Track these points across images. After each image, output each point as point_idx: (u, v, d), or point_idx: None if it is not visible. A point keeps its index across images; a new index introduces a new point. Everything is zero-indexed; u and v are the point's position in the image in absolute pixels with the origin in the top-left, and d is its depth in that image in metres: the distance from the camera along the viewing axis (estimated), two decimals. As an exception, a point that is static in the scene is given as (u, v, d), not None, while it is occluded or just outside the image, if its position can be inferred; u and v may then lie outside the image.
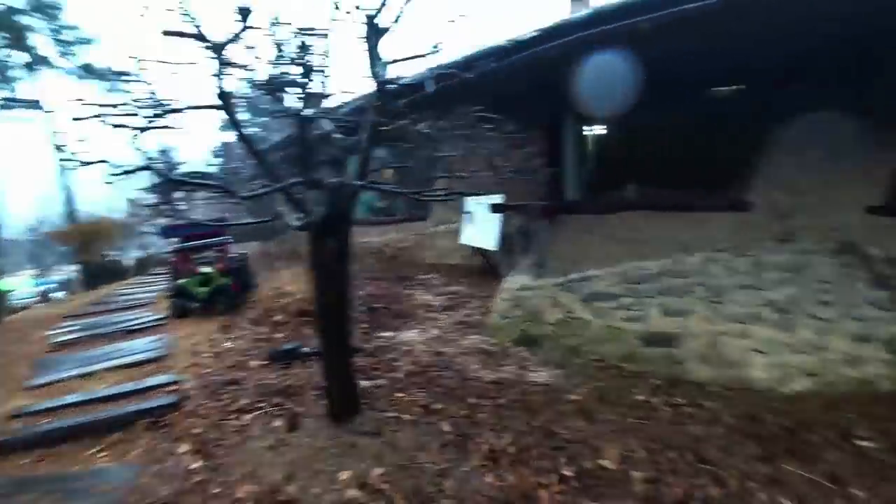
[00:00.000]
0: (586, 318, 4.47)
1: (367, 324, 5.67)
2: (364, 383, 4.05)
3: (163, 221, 7.26)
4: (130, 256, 21.54)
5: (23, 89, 19.39)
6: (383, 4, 3.08)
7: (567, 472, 2.94)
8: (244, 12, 2.73)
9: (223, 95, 2.84)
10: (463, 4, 3.79)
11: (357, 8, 3.10)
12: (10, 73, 18.98)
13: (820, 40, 4.18)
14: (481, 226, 6.34)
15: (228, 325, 6.36)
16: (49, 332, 7.19)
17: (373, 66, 3.23)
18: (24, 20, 18.44)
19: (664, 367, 4.20)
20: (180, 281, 7.21)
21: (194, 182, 3.20)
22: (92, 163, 2.77)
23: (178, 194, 3.43)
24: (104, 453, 3.65)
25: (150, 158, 2.88)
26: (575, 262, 4.73)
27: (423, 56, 3.35)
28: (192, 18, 2.67)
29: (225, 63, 2.81)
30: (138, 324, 7.14)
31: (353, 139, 3.52)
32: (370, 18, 3.15)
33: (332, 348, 3.51)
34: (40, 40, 19.18)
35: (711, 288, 4.22)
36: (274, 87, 3.04)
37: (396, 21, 3.18)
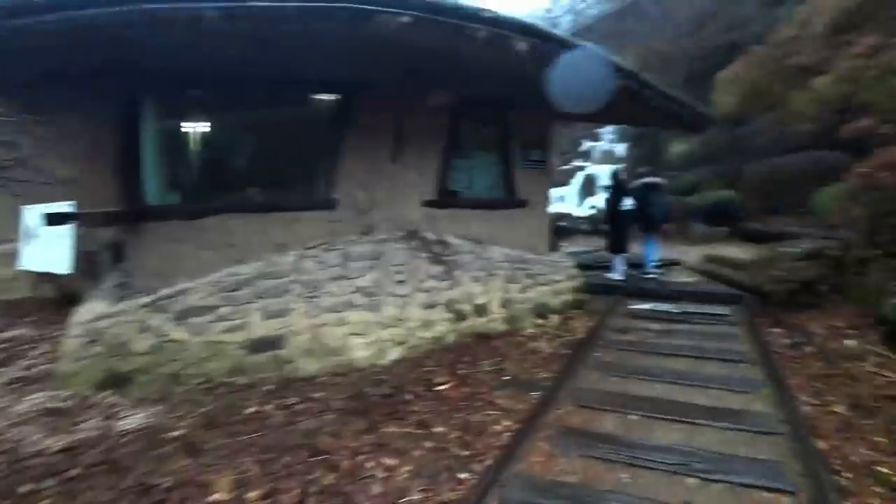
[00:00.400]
0: (183, 339, 3.99)
1: None
2: None
3: None
4: None
5: None
6: None
7: (163, 531, 2.52)
8: None
9: None
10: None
11: None
12: None
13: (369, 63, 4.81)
14: (48, 243, 4.93)
15: None
16: None
17: None
18: None
19: (274, 370, 4.15)
20: None
21: None
22: None
23: None
24: None
25: None
26: (166, 277, 4.16)
27: None
28: None
29: None
30: None
31: None
32: None
33: None
34: None
35: (308, 284, 4.40)
36: None
37: None
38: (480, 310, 5.26)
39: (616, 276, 7.82)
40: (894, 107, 8.82)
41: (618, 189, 7.97)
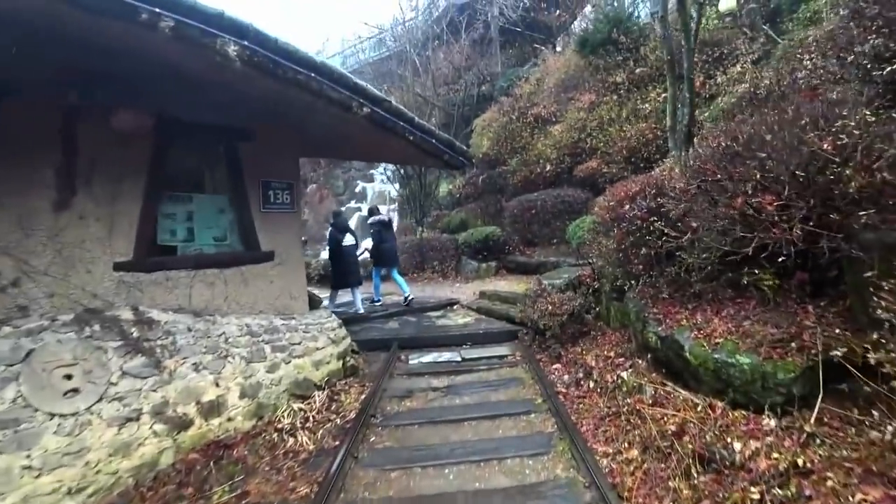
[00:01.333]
0: None
1: None
2: None
3: None
4: None
5: None
6: None
7: None
8: None
9: None
10: None
11: None
12: None
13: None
14: None
15: None
16: None
17: None
18: None
19: None
20: None
21: None
22: None
23: None
24: None
25: None
26: None
27: None
28: None
29: None
30: None
31: None
32: None
33: None
34: None
35: None
36: None
37: None
38: (212, 408, 3.76)
39: (358, 306, 8.24)
40: (612, 150, 10.28)
41: (338, 228, 8.32)
